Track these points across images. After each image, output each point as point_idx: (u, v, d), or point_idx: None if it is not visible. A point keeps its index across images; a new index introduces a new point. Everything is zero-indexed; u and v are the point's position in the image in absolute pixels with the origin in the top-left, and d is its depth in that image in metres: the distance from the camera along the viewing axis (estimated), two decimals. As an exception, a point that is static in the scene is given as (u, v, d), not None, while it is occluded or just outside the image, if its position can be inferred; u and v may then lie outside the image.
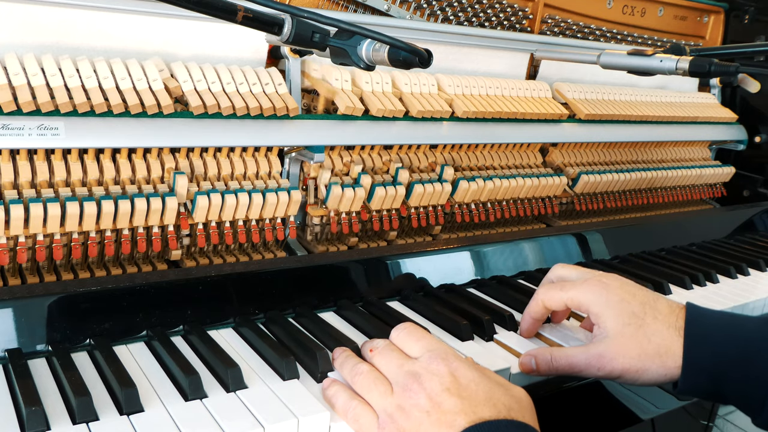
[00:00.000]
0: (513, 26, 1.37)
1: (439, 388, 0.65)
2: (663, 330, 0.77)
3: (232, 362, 0.71)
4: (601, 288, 0.81)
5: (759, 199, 1.69)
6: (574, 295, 0.82)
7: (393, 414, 0.66)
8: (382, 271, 0.97)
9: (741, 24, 1.73)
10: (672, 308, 0.80)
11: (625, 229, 1.33)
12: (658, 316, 0.78)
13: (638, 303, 0.79)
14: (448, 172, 1.12)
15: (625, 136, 1.42)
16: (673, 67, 1.10)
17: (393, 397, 0.67)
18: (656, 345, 0.76)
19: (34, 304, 0.73)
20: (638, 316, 0.78)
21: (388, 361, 0.71)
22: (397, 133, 1.07)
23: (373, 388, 0.69)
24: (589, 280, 0.83)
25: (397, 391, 0.67)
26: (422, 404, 0.65)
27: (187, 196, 0.89)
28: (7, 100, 0.77)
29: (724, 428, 1.81)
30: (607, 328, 0.79)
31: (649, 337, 0.77)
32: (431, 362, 0.68)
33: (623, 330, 0.77)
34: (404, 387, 0.67)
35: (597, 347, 0.78)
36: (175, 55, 0.94)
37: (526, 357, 0.81)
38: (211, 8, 0.69)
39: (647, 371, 0.76)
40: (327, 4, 1.12)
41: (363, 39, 0.79)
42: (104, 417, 0.62)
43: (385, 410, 0.67)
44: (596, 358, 0.77)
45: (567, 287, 0.83)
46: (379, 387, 0.68)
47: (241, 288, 0.85)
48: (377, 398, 0.68)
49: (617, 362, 0.76)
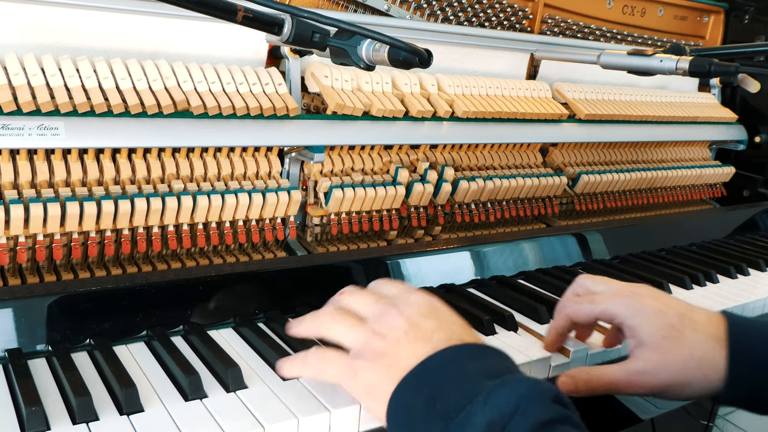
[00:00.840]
0: (513, 26, 1.37)
1: (417, 313, 0.65)
2: (703, 341, 0.73)
3: (232, 362, 0.71)
4: (635, 299, 0.77)
5: (759, 199, 1.69)
6: (606, 308, 0.78)
7: (368, 340, 0.64)
8: (382, 271, 0.97)
9: (741, 24, 1.73)
10: (710, 318, 0.76)
11: (625, 229, 1.33)
12: (697, 327, 0.74)
13: (675, 314, 0.75)
14: (449, 172, 1.12)
15: (625, 136, 1.42)
16: (673, 67, 1.10)
17: (366, 325, 0.65)
18: (698, 358, 0.72)
19: (34, 304, 0.73)
20: (677, 328, 0.74)
21: (362, 297, 0.70)
22: (397, 133, 1.07)
23: (342, 320, 0.67)
24: (619, 291, 0.79)
25: (371, 319, 0.66)
26: (399, 325, 0.64)
27: None
28: (7, 100, 0.77)
29: (724, 428, 1.81)
30: (644, 343, 0.74)
31: (690, 350, 0.72)
32: (410, 294, 0.68)
33: (662, 343, 0.73)
34: (381, 313, 0.66)
35: (636, 364, 0.74)
36: (175, 55, 0.94)
37: (564, 377, 0.75)
38: (211, 8, 0.69)
39: (690, 385, 0.73)
40: (327, 4, 1.12)
41: (363, 39, 0.79)
42: (104, 417, 0.62)
43: (357, 340, 0.64)
44: (637, 376, 0.73)
45: (597, 300, 0.79)
46: (350, 319, 0.66)
47: (241, 288, 0.85)
48: (347, 330, 0.66)
49: (658, 378, 0.72)
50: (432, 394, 0.58)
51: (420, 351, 0.62)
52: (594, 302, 0.79)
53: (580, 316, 0.80)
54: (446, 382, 0.58)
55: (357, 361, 0.63)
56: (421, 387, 0.59)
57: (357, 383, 0.63)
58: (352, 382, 0.63)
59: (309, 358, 0.66)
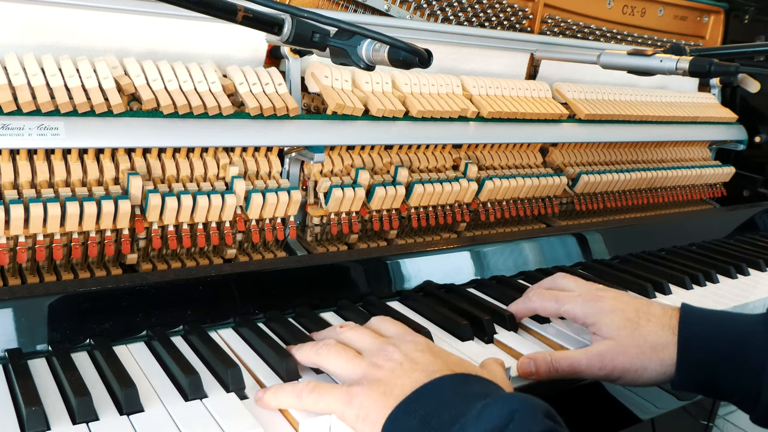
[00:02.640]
0: (513, 26, 1.37)
1: (414, 349, 0.67)
2: (657, 330, 0.80)
3: (232, 362, 0.71)
4: (596, 301, 0.84)
5: (759, 199, 1.69)
6: (568, 309, 0.85)
7: (365, 372, 0.65)
8: (382, 271, 0.97)
9: (741, 24, 1.73)
10: (665, 310, 0.82)
11: (625, 229, 1.33)
12: (651, 318, 0.81)
13: (632, 309, 0.82)
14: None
15: (625, 136, 1.42)
16: (673, 67, 1.10)
17: (364, 359, 0.67)
18: (652, 343, 0.79)
19: (34, 304, 0.73)
20: (633, 320, 0.81)
21: (361, 335, 0.72)
22: (397, 133, 1.07)
23: (341, 354, 0.68)
24: (583, 294, 0.86)
25: (369, 354, 0.68)
26: (396, 358, 0.66)
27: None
28: (7, 100, 0.77)
29: (724, 428, 1.81)
30: (603, 334, 0.81)
31: (645, 337, 0.79)
32: (406, 334, 0.71)
33: (620, 332, 0.80)
34: (378, 349, 0.68)
35: (597, 347, 0.80)
36: (175, 55, 0.94)
37: (524, 360, 0.81)
38: (211, 8, 0.69)
39: (646, 370, 0.78)
40: (327, 4, 1.12)
41: (363, 39, 0.79)
42: (104, 417, 0.62)
43: (353, 372, 0.66)
44: (597, 358, 0.79)
45: (562, 300, 0.86)
46: (348, 352, 0.68)
47: (241, 288, 0.85)
48: (345, 364, 0.67)
49: (618, 361, 0.78)
50: (427, 414, 0.59)
51: (415, 379, 0.63)
52: (559, 301, 0.86)
53: (545, 312, 0.89)
54: (441, 404, 0.60)
55: (353, 388, 0.64)
56: (415, 410, 0.60)
57: (351, 410, 0.63)
58: (346, 409, 0.64)
59: (302, 389, 0.65)
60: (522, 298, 0.92)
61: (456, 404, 0.59)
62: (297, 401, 0.65)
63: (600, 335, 0.81)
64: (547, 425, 0.56)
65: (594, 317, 0.82)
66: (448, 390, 0.62)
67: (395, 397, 0.62)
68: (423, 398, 0.61)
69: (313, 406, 0.65)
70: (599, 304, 0.83)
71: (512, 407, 0.57)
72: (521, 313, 0.91)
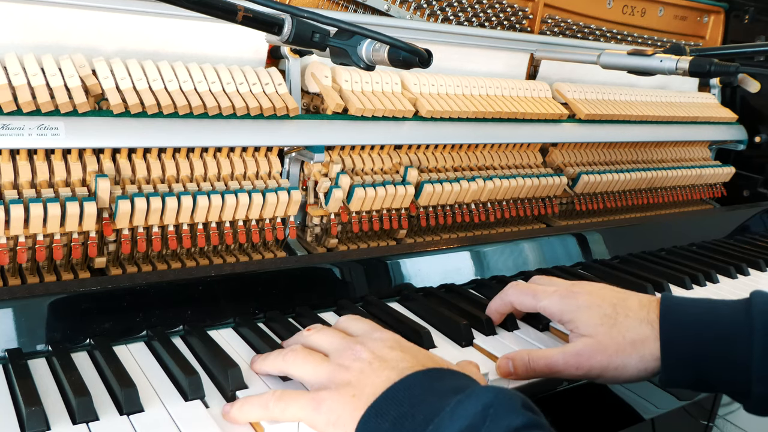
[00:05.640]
0: (513, 26, 1.37)
1: (383, 346, 0.66)
2: (636, 326, 0.77)
3: (232, 362, 0.71)
4: (571, 298, 0.82)
5: (759, 199, 1.69)
6: (545, 306, 0.83)
7: (332, 373, 0.64)
8: (382, 271, 0.97)
9: (741, 24, 1.73)
10: (642, 303, 0.80)
11: (625, 229, 1.33)
12: (629, 313, 0.78)
13: (609, 305, 0.80)
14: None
15: (625, 136, 1.42)
16: (673, 67, 1.10)
17: (331, 361, 0.65)
18: (631, 340, 0.76)
19: (34, 304, 0.73)
20: (610, 316, 0.78)
21: (327, 336, 0.70)
22: (397, 132, 1.07)
23: (308, 358, 0.66)
24: (558, 290, 0.84)
25: (336, 355, 0.66)
26: (364, 357, 0.64)
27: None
28: (7, 100, 0.77)
29: (724, 428, 1.81)
30: (581, 331, 0.79)
31: (624, 334, 0.77)
32: (374, 331, 0.70)
33: (597, 329, 0.78)
34: (345, 348, 0.66)
35: (574, 346, 0.78)
36: (175, 55, 0.94)
37: (503, 360, 0.79)
38: (211, 8, 0.69)
39: (626, 367, 0.76)
40: (327, 4, 1.12)
41: (363, 39, 0.79)
42: (104, 417, 0.62)
43: (321, 375, 0.64)
44: (574, 357, 0.77)
45: (539, 296, 0.84)
46: (315, 356, 0.66)
47: (241, 288, 0.85)
48: (312, 368, 0.65)
49: (595, 360, 0.76)
50: (399, 415, 0.57)
51: (385, 378, 0.61)
52: (537, 296, 0.85)
53: (522, 306, 0.87)
54: (413, 403, 0.58)
55: (320, 393, 0.62)
56: (387, 411, 0.58)
57: (321, 415, 0.61)
58: (315, 415, 0.61)
59: (268, 399, 0.63)
60: (499, 293, 0.90)
61: (429, 402, 0.57)
62: (264, 412, 0.63)
63: (578, 332, 0.79)
64: (527, 417, 0.54)
65: (570, 314, 0.80)
66: (420, 387, 0.60)
67: (366, 398, 0.60)
68: (395, 398, 0.59)
69: (281, 415, 0.62)
70: (575, 301, 0.81)
71: (486, 401, 0.55)
72: (498, 308, 0.89)
